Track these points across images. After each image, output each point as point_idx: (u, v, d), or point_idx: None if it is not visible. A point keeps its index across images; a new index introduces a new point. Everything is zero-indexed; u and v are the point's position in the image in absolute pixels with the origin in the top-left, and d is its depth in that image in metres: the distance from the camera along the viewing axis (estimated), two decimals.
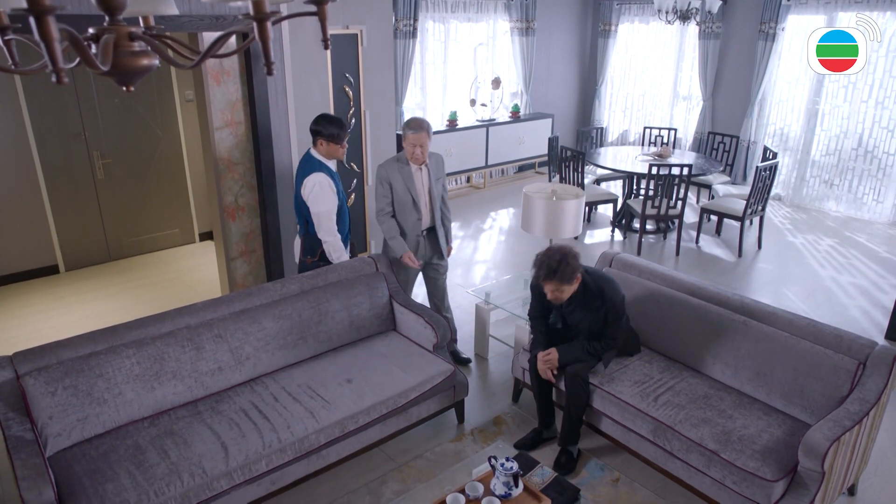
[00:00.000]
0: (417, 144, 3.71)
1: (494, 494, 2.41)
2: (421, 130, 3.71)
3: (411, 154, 3.74)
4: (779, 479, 2.61)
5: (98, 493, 2.46)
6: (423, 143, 3.72)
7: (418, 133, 3.70)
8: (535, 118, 8.74)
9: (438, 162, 3.97)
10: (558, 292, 3.09)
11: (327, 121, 3.63)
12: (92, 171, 5.55)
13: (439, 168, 3.97)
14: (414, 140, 3.71)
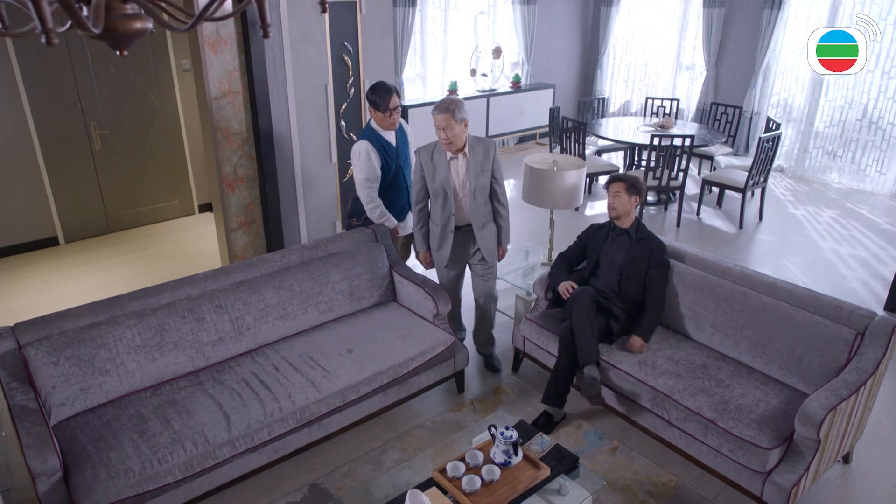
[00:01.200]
0: (441, 127, 3.27)
1: (494, 462, 2.44)
2: (444, 111, 3.23)
3: (440, 139, 3.35)
4: (775, 447, 2.64)
5: (102, 461, 2.49)
6: (450, 126, 3.24)
7: (441, 114, 3.24)
8: (537, 88, 8.64)
9: (485, 150, 3.42)
10: (617, 197, 3.41)
11: (372, 89, 3.62)
12: (89, 142, 5.51)
13: (486, 158, 3.42)
14: (437, 122, 3.28)
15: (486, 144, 3.45)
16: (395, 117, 3.69)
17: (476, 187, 3.45)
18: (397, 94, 3.70)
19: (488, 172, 3.47)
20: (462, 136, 3.34)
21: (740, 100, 8.01)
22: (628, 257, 3.42)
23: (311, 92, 4.45)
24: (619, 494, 2.97)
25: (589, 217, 6.51)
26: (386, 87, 3.63)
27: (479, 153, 3.43)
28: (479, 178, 3.45)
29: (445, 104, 3.25)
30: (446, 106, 3.24)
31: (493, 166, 3.46)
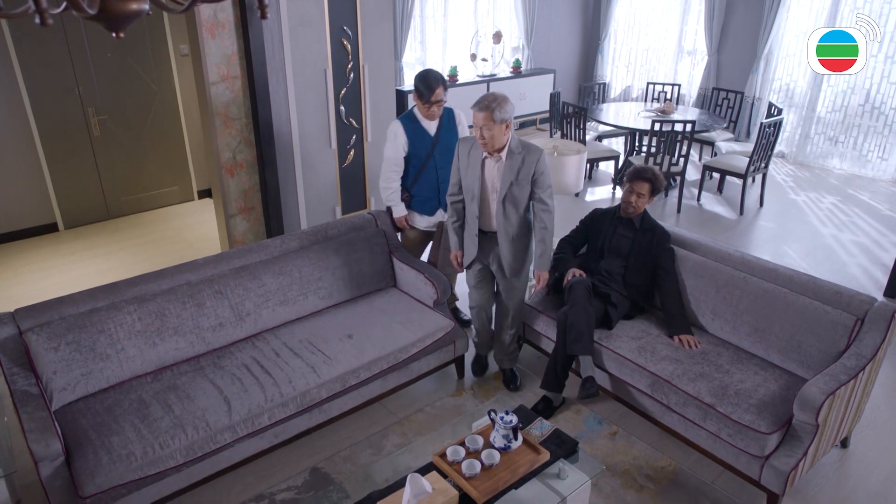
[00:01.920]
0: (479, 126, 2.97)
1: (494, 447, 2.45)
2: (483, 109, 2.92)
3: (477, 138, 3.07)
4: (773, 432, 2.65)
5: (104, 446, 2.50)
6: (488, 126, 2.93)
7: (480, 112, 2.94)
8: (537, 73, 8.59)
9: (528, 160, 3.06)
10: (638, 196, 3.37)
11: (419, 76, 3.52)
12: (87, 127, 5.48)
13: (526, 168, 3.06)
14: (475, 120, 2.98)
15: (532, 154, 3.07)
16: (434, 110, 3.56)
17: (507, 196, 3.12)
18: (444, 86, 3.53)
19: (526, 185, 3.11)
20: (501, 139, 3.01)
21: (742, 85, 7.96)
22: (633, 247, 3.41)
23: (310, 77, 4.42)
24: (618, 478, 2.99)
25: (589, 203, 6.50)
26: (434, 76, 3.48)
27: (518, 160, 3.06)
28: (513, 189, 3.10)
29: (486, 101, 2.95)
30: (486, 104, 2.94)
31: (534, 178, 3.10)
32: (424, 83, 3.47)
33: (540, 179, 3.13)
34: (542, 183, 3.13)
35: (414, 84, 3.53)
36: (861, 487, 2.98)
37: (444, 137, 3.67)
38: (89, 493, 2.37)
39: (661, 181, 3.38)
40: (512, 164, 3.08)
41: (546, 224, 3.21)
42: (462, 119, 3.79)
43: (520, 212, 3.19)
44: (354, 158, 4.90)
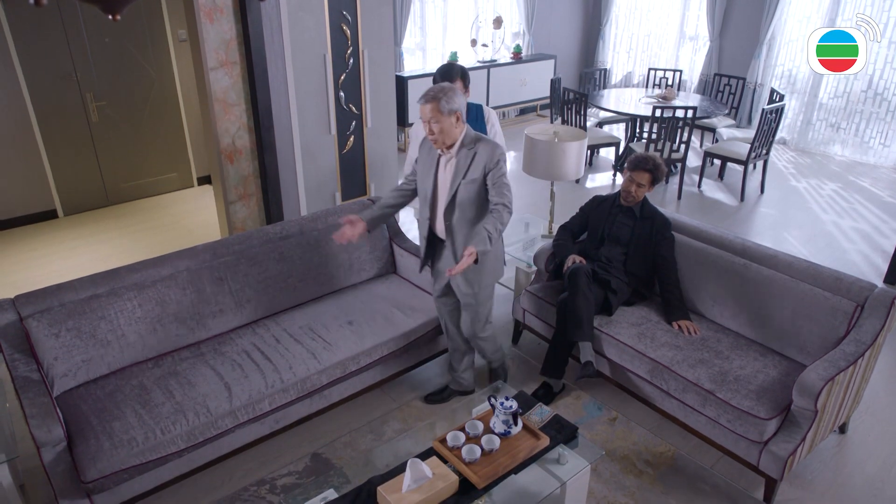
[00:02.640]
0: (426, 120, 2.67)
1: (494, 432, 2.46)
2: (431, 100, 2.62)
3: (427, 135, 2.76)
4: (772, 418, 2.66)
5: (106, 431, 2.51)
6: (436, 118, 2.64)
7: (427, 104, 2.64)
8: (538, 59, 8.53)
9: (482, 155, 2.72)
10: (638, 186, 3.34)
11: (438, 69, 3.36)
12: (86, 113, 5.45)
13: (479, 164, 2.73)
14: (422, 114, 2.68)
15: (485, 148, 2.73)
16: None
17: (455, 199, 2.78)
18: (465, 80, 3.29)
19: (475, 185, 2.74)
20: (453, 132, 2.70)
21: (744, 71, 7.91)
22: (633, 235, 3.40)
23: (309, 62, 4.39)
24: (617, 464, 3.01)
25: (590, 189, 6.49)
26: (454, 68, 3.24)
27: (469, 156, 2.73)
28: (462, 190, 2.75)
29: (432, 92, 2.65)
30: (433, 94, 2.63)
31: (488, 178, 2.73)
32: (442, 74, 3.28)
33: (496, 181, 2.71)
34: (497, 176, 2.72)
35: (433, 77, 3.32)
36: (858, 472, 3.00)
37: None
38: (91, 477, 2.38)
39: (662, 171, 3.36)
40: (461, 161, 2.75)
41: (502, 219, 2.69)
42: (493, 117, 3.54)
43: (468, 217, 2.80)
44: (354, 144, 4.88)
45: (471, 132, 2.81)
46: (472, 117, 3.48)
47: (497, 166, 2.73)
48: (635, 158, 3.38)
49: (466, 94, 3.33)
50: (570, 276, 3.25)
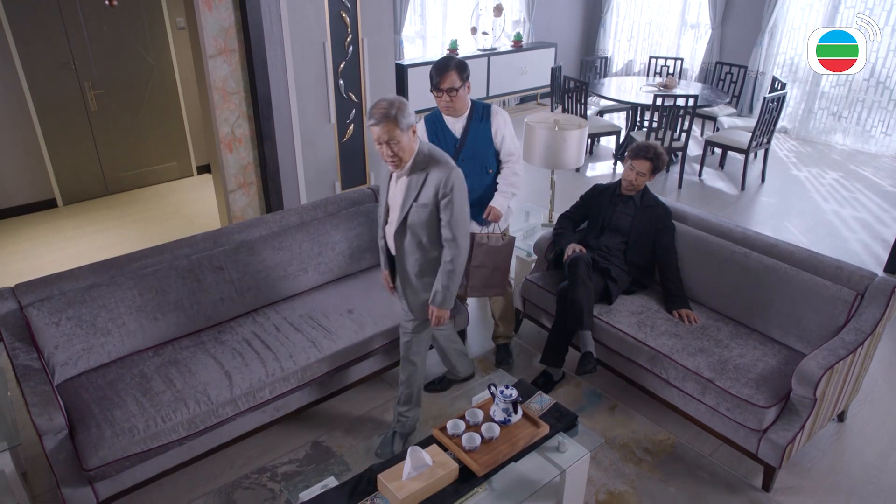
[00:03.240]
0: (383, 142, 2.40)
1: (494, 420, 2.46)
2: (384, 120, 2.35)
3: (382, 157, 2.49)
4: (771, 406, 2.67)
5: (107, 419, 2.52)
6: (395, 138, 2.38)
7: (380, 124, 2.36)
8: (538, 47, 8.49)
9: (434, 177, 2.48)
10: (638, 175, 3.33)
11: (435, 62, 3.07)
12: (84, 102, 5.43)
13: (431, 188, 2.49)
14: (375, 136, 2.41)
15: (438, 170, 2.48)
16: (446, 102, 3.00)
17: (406, 223, 2.57)
18: (461, 74, 2.96)
19: (431, 208, 2.52)
20: (412, 147, 2.47)
21: (746, 59, 7.86)
22: (634, 224, 3.40)
23: (308, 50, 4.36)
24: (616, 452, 3.02)
25: (590, 178, 6.47)
26: (448, 60, 2.98)
27: (420, 179, 2.50)
28: (417, 213, 2.54)
29: (382, 109, 2.35)
30: (384, 111, 2.34)
31: (439, 202, 2.50)
32: (435, 66, 2.98)
33: (446, 205, 2.49)
34: (448, 209, 2.49)
35: (430, 74, 3.04)
36: (857, 460, 3.01)
37: (471, 140, 3.10)
38: (93, 465, 2.39)
39: (663, 159, 3.35)
40: (413, 182, 2.52)
41: (451, 260, 2.56)
42: (502, 119, 3.15)
43: (419, 240, 2.60)
44: (354, 133, 4.86)
45: (424, 149, 2.53)
46: (477, 117, 3.13)
47: (451, 192, 2.48)
48: (636, 147, 3.37)
49: (469, 90, 3.09)
50: (571, 265, 3.25)
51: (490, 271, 3.12)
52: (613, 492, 2.81)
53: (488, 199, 3.19)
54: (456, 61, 2.99)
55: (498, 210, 3.16)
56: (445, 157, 2.56)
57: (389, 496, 2.17)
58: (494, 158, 3.21)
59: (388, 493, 2.18)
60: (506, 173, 3.19)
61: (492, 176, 3.22)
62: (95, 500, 2.49)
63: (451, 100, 3.01)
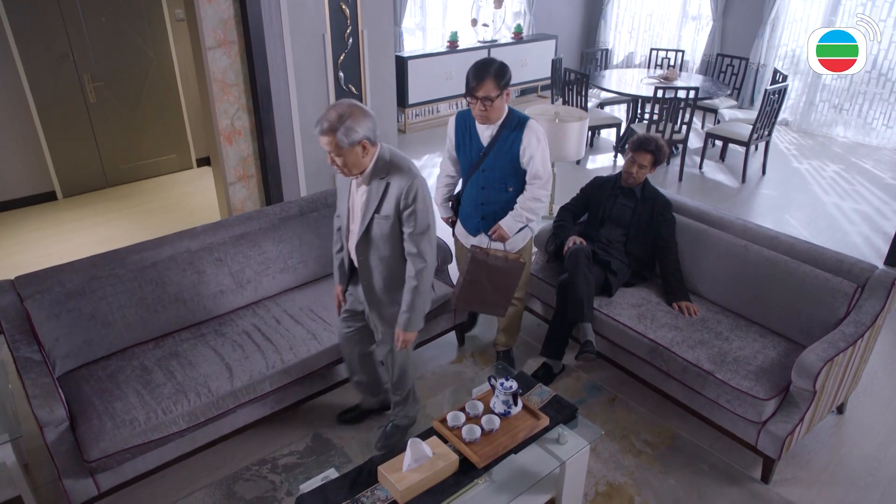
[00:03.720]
0: (327, 151, 2.28)
1: (494, 412, 2.47)
2: (327, 132, 2.20)
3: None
4: (771, 398, 2.67)
5: (108, 411, 2.52)
6: (336, 151, 2.24)
7: (323, 136, 2.22)
8: (539, 39, 8.45)
9: (395, 187, 2.34)
10: (639, 167, 3.31)
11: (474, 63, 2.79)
12: (83, 94, 5.41)
13: (393, 198, 2.35)
14: (322, 144, 2.26)
15: (400, 178, 2.33)
16: (480, 111, 2.75)
17: (367, 234, 2.43)
18: (499, 82, 2.67)
19: (393, 220, 2.38)
20: (360, 162, 2.29)
21: (747, 51, 7.83)
22: (634, 217, 3.39)
23: (308, 42, 4.35)
24: (616, 444, 3.03)
25: (590, 170, 6.46)
26: (488, 64, 2.69)
27: (380, 188, 2.34)
28: (379, 225, 2.40)
29: (329, 120, 2.18)
30: (330, 124, 2.18)
31: (401, 213, 2.36)
32: (473, 69, 2.71)
33: (409, 217, 2.36)
34: (411, 221, 2.36)
35: (466, 77, 2.78)
36: (855, 452, 3.02)
37: (496, 152, 2.88)
38: (94, 457, 2.40)
39: (665, 152, 3.34)
40: (373, 191, 2.37)
41: (415, 275, 2.43)
42: (535, 137, 2.83)
43: (382, 255, 2.47)
44: None
45: (385, 155, 2.36)
46: (509, 129, 2.83)
47: (416, 210, 2.34)
48: (638, 139, 3.35)
49: (507, 98, 2.79)
50: (571, 258, 3.25)
51: (487, 289, 2.89)
52: (613, 483, 2.82)
53: (501, 215, 2.98)
54: (496, 66, 2.70)
55: (504, 231, 2.95)
56: (408, 163, 2.39)
57: (390, 488, 2.18)
58: (516, 177, 2.92)
59: (388, 484, 2.19)
60: (526, 195, 2.93)
61: (511, 194, 2.96)
62: (97, 491, 2.50)
63: (485, 109, 2.74)
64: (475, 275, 2.86)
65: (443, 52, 7.54)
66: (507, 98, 2.78)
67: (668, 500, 2.75)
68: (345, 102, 2.24)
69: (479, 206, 3.02)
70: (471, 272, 2.86)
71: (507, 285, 2.92)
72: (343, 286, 2.73)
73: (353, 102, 2.25)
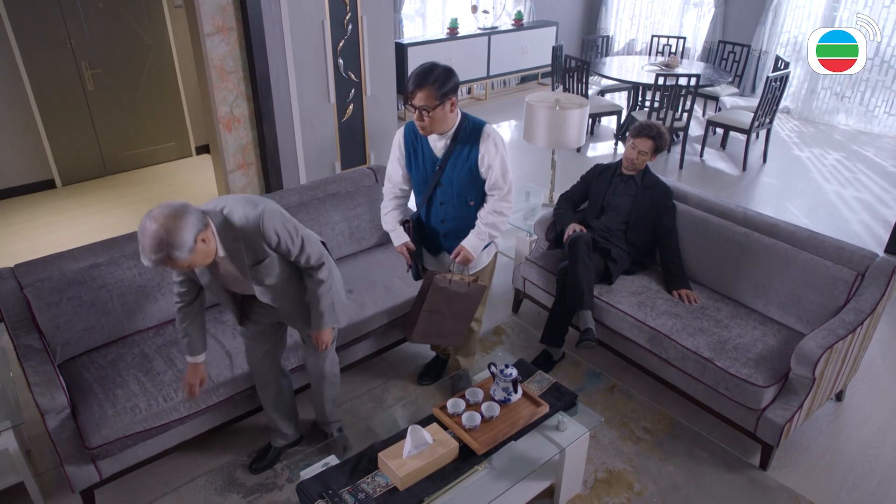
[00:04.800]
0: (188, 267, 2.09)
1: (494, 399, 2.48)
2: (161, 257, 1.93)
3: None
4: (770, 385, 2.68)
5: (109, 398, 2.53)
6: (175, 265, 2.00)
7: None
8: (539, 26, 8.40)
9: (257, 239, 2.16)
10: (640, 154, 3.31)
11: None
12: (81, 81, 5.38)
13: (254, 251, 2.19)
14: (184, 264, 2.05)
15: (256, 228, 2.14)
16: (415, 119, 2.50)
17: (261, 276, 2.27)
18: (436, 88, 2.39)
19: (273, 259, 2.25)
20: (209, 252, 2.08)
21: (749, 38, 7.78)
22: (635, 205, 3.38)
23: (307, 28, 4.32)
24: (615, 431, 3.04)
25: (591, 158, 6.44)
26: (420, 71, 2.44)
27: (238, 251, 2.16)
28: (265, 268, 2.25)
29: (152, 247, 1.91)
30: (157, 245, 1.90)
31: (283, 252, 2.25)
32: (413, 75, 2.45)
33: (285, 252, 2.24)
34: (289, 252, 2.25)
35: (406, 81, 2.52)
36: (854, 439, 3.03)
37: (453, 164, 2.61)
38: (96, 444, 2.41)
39: (665, 139, 3.32)
40: (236, 259, 2.19)
41: (316, 286, 2.37)
42: (493, 144, 2.56)
43: (280, 284, 2.35)
44: (354, 113, 4.83)
45: (228, 229, 2.14)
46: (463, 138, 2.56)
47: (278, 238, 2.18)
48: (639, 125, 3.34)
49: (453, 108, 2.50)
50: (571, 245, 3.25)
51: (447, 318, 2.69)
52: (612, 470, 2.84)
53: (465, 232, 2.69)
54: (438, 73, 2.40)
55: (468, 252, 2.65)
56: (242, 211, 2.14)
57: (390, 474, 2.19)
58: (477, 189, 2.64)
59: (388, 471, 2.20)
60: (487, 210, 2.63)
61: (473, 208, 2.68)
62: (99, 477, 2.52)
63: (423, 119, 2.45)
64: (436, 305, 2.65)
65: (443, 38, 7.50)
66: (453, 107, 2.49)
67: (667, 487, 2.76)
68: (157, 228, 1.90)
69: (440, 223, 2.74)
70: (431, 301, 2.64)
71: (468, 311, 2.74)
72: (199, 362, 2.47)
73: (168, 215, 1.93)
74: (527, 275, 3.65)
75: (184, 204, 2.01)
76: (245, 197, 2.21)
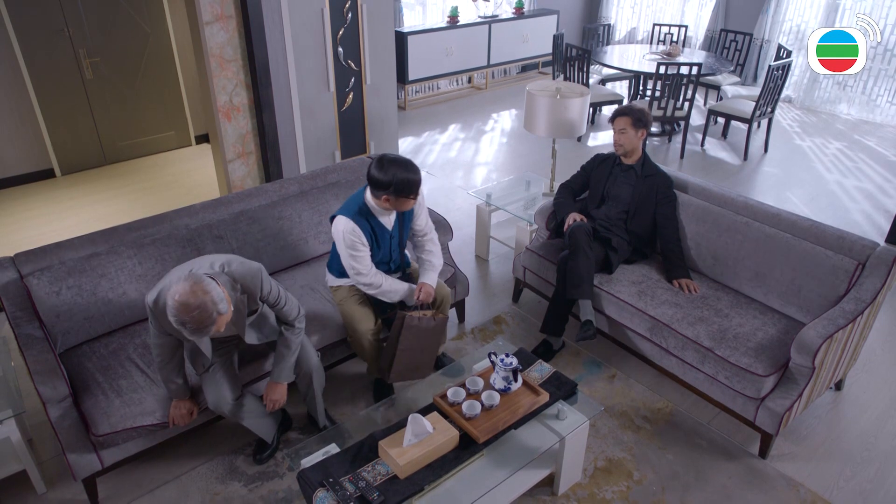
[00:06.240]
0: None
1: (494, 388, 2.49)
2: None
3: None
4: (770, 375, 2.68)
5: (114, 388, 2.54)
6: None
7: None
8: (540, 14, 8.34)
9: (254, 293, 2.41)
10: (623, 134, 3.31)
11: (377, 161, 2.67)
12: (80, 70, 5.35)
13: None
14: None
15: (255, 287, 2.39)
16: (390, 206, 2.71)
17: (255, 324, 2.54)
18: (380, 188, 2.63)
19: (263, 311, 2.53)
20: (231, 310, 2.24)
21: (751, 27, 7.73)
22: (635, 194, 3.37)
23: (306, 16, 4.29)
24: (615, 419, 3.05)
25: (592, 148, 6.42)
26: (414, 178, 2.65)
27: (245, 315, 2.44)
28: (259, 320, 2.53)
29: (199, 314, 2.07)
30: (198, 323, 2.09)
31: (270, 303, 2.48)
32: (412, 181, 2.65)
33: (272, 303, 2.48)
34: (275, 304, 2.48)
35: (370, 173, 2.66)
36: (853, 427, 3.05)
37: (405, 227, 2.94)
38: (103, 431, 2.42)
39: (640, 110, 3.32)
40: (239, 319, 2.42)
41: (294, 336, 2.57)
42: (418, 201, 2.86)
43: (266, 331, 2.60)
44: (353, 102, 4.81)
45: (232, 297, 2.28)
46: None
47: (267, 293, 2.43)
48: (618, 108, 3.38)
49: (387, 205, 2.69)
50: (571, 235, 3.24)
51: (418, 353, 2.87)
52: (612, 459, 2.85)
53: (407, 276, 3.04)
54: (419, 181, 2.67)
55: (430, 287, 2.90)
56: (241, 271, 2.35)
57: (390, 462, 2.20)
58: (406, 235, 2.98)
59: (388, 459, 2.21)
60: (435, 250, 3.00)
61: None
62: (100, 465, 2.52)
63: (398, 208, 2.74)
64: (409, 342, 2.81)
65: (443, 27, 7.45)
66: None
67: (666, 475, 2.78)
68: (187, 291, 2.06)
69: (402, 275, 3.07)
70: (405, 340, 2.79)
71: (435, 344, 2.95)
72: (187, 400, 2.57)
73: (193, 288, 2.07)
74: (527, 264, 3.64)
75: (189, 272, 2.19)
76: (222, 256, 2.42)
